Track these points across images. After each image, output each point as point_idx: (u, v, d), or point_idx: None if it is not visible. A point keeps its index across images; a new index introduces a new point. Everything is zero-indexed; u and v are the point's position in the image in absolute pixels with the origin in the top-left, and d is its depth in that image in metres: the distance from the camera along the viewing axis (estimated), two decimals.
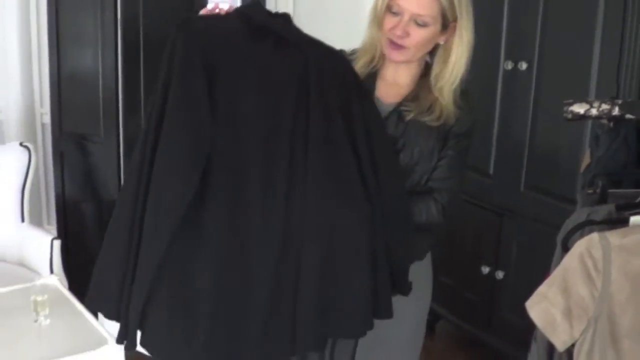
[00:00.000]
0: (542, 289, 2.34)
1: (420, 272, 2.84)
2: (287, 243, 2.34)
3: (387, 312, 2.51)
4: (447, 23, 2.64)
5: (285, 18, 2.45)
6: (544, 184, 4.01)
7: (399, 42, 2.63)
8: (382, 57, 2.75)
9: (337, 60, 2.50)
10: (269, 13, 2.44)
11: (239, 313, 2.35)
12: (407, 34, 2.61)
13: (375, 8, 2.69)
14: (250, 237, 2.33)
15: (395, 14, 2.62)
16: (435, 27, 2.63)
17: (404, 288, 2.59)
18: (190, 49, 2.32)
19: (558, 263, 2.42)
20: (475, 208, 4.42)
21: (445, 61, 2.70)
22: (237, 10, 2.45)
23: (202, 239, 2.34)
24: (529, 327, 2.51)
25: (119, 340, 2.46)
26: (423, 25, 2.60)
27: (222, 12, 2.46)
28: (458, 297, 4.65)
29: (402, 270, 2.57)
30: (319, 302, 2.37)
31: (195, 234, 2.33)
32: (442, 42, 2.69)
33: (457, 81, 2.70)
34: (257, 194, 2.33)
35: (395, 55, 2.66)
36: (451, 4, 2.62)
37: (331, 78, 2.40)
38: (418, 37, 2.62)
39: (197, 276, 2.35)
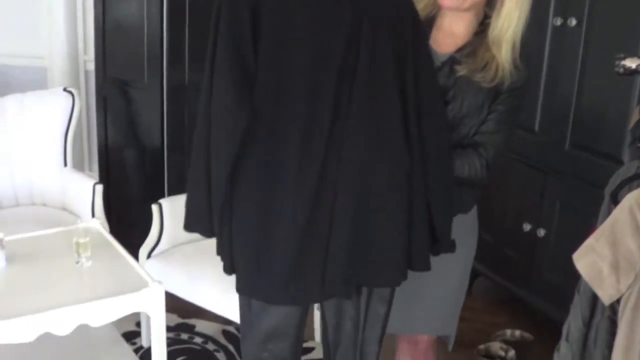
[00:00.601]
0: (590, 241, 2.32)
1: (466, 226, 2.82)
2: (322, 186, 2.34)
3: (423, 265, 2.50)
4: None
5: None
6: (590, 143, 3.96)
7: None
8: (438, 5, 2.71)
9: (394, 5, 2.44)
10: None
11: (270, 250, 2.38)
12: None
13: None
14: (285, 176, 2.34)
15: None
16: None
17: (447, 245, 2.58)
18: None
19: (605, 216, 2.39)
20: (518, 165, 4.38)
21: (499, 11, 2.66)
22: None
23: (238, 175, 2.37)
24: (569, 285, 2.49)
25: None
26: None
27: None
28: (498, 255, 4.62)
29: (443, 226, 2.55)
30: (350, 247, 2.38)
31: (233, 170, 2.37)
32: None
33: (512, 34, 2.66)
34: (296, 133, 2.33)
35: (446, 1, 2.63)
36: None
37: (388, 19, 2.37)
38: None
39: (234, 209, 2.40)
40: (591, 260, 2.28)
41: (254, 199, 2.38)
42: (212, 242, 2.57)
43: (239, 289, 2.54)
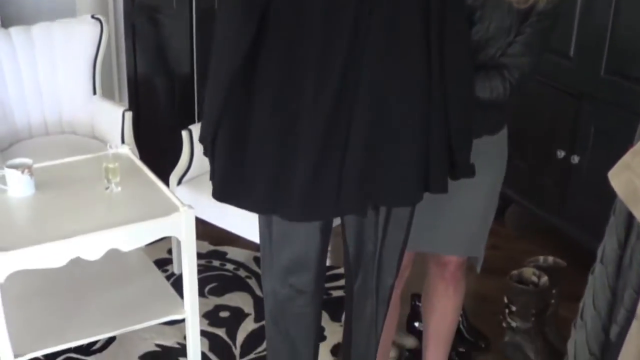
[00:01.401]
0: (626, 158, 2.26)
1: (495, 147, 2.78)
2: (340, 103, 2.30)
3: (440, 187, 2.46)
4: None
5: None
6: (625, 68, 3.87)
7: None
8: None
9: None
10: None
11: (288, 167, 2.36)
12: None
13: None
14: (302, 92, 2.31)
15: None
16: None
17: (466, 170, 2.54)
18: None
19: None
20: (552, 90, 4.31)
21: None
22: None
23: (255, 93, 2.35)
24: (603, 213, 2.44)
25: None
26: None
27: None
28: (531, 182, 4.57)
29: (462, 149, 2.51)
30: (365, 164, 2.35)
31: (249, 88, 2.35)
32: None
33: None
34: (314, 47, 2.29)
35: None
36: None
37: None
38: None
39: (251, 125, 2.37)
40: (627, 178, 2.23)
41: (272, 117, 2.35)
42: None
43: (258, 207, 2.52)
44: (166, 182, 3.70)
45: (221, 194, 2.50)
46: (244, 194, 2.45)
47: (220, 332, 3.89)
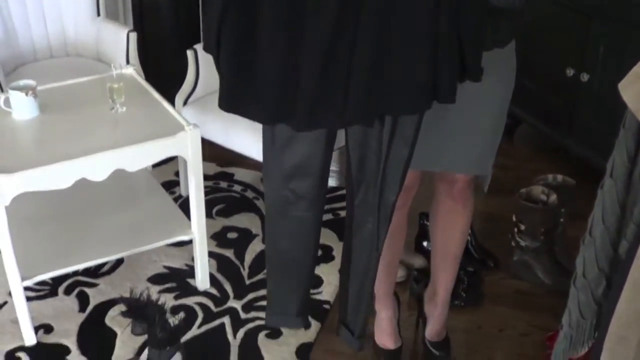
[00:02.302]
0: (636, 68, 2.21)
1: (503, 61, 2.73)
2: (345, 7, 2.21)
3: (449, 97, 2.41)
4: None
5: None
6: None
7: None
8: None
9: None
10: None
11: (293, 74, 2.30)
12: None
13: None
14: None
15: None
16: None
17: (475, 72, 2.48)
18: None
19: None
20: (561, 8, 4.25)
21: None
22: None
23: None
24: (613, 132, 2.41)
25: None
26: None
27: None
28: (540, 101, 4.54)
29: (473, 53, 2.41)
30: (372, 73, 2.29)
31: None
32: None
33: None
34: None
35: None
36: None
37: None
38: None
39: (257, 37, 2.31)
40: (638, 89, 2.19)
41: (276, 23, 2.28)
42: None
43: (264, 117, 2.49)
44: (172, 102, 3.67)
45: (227, 104, 2.46)
46: (250, 103, 2.40)
47: (229, 253, 3.89)
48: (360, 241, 2.80)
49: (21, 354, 3.24)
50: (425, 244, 3.78)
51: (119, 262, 3.76)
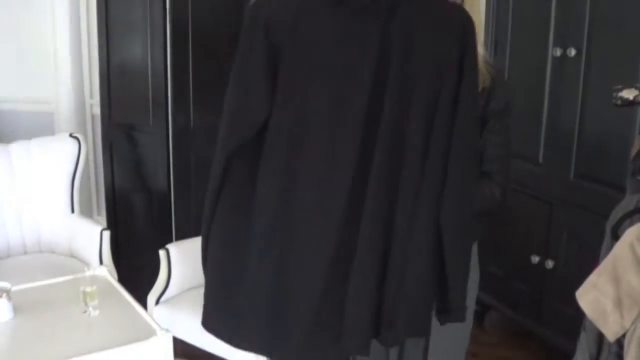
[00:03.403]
0: (592, 278, 2.31)
1: (473, 257, 2.79)
2: (344, 230, 2.27)
3: (421, 330, 2.46)
4: None
5: None
6: (594, 172, 3.95)
7: None
8: None
9: (439, 19, 2.31)
10: None
11: (285, 305, 2.32)
12: None
13: None
14: (305, 212, 2.29)
15: None
16: None
17: (460, 312, 2.47)
18: (253, 19, 2.31)
19: (608, 251, 2.39)
20: (524, 197, 4.37)
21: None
22: None
23: (253, 213, 2.32)
24: (580, 317, 2.48)
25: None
26: None
27: None
28: (508, 287, 4.60)
29: (456, 281, 2.43)
30: (368, 307, 2.32)
31: (247, 208, 2.33)
32: None
33: (478, 26, 2.65)
34: (318, 168, 2.28)
35: None
36: None
37: (423, 43, 2.25)
38: None
39: (248, 244, 2.35)
40: (594, 297, 2.28)
41: (271, 238, 2.32)
42: None
43: (252, 346, 2.49)
44: (146, 300, 3.71)
45: (210, 324, 2.48)
46: (235, 327, 2.40)
47: None
48: None
49: None
50: None
51: None
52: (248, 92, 2.31)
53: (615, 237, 2.37)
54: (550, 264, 4.22)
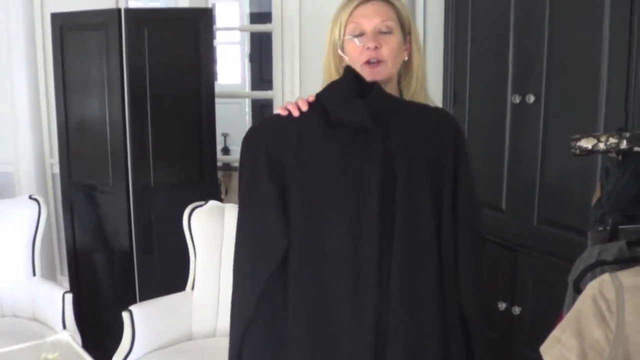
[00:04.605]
0: (555, 332, 2.30)
1: None
2: (378, 337, 2.33)
3: None
4: (405, 31, 2.63)
5: (374, 89, 2.43)
6: (557, 218, 3.95)
7: (376, 55, 2.56)
8: None
9: (432, 126, 2.45)
10: (348, 90, 2.42)
11: None
12: (380, 45, 2.57)
13: (333, 38, 2.65)
14: (338, 332, 2.34)
15: (357, 36, 2.59)
16: (398, 34, 2.59)
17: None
18: (253, 156, 2.39)
19: (571, 304, 2.38)
20: (489, 244, 4.35)
21: (409, 71, 2.68)
22: (315, 101, 2.44)
23: (287, 337, 2.38)
24: None
25: None
26: (389, 31, 2.57)
27: (297, 112, 2.43)
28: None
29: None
30: None
31: (280, 334, 2.38)
32: (406, 58, 2.66)
33: (424, 82, 2.71)
34: (344, 288, 2.34)
35: (376, 73, 2.59)
36: (403, 6, 2.63)
37: (421, 151, 2.38)
38: (390, 44, 2.57)
39: None
40: (558, 352, 2.26)
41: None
42: (186, 348, 2.54)
43: None
44: None
45: None
46: None
47: None
48: None
49: None
50: None
51: None
52: (265, 229, 2.37)
53: (578, 290, 2.36)
54: (517, 310, 4.21)
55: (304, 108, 2.41)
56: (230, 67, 9.33)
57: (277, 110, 2.46)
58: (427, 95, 2.72)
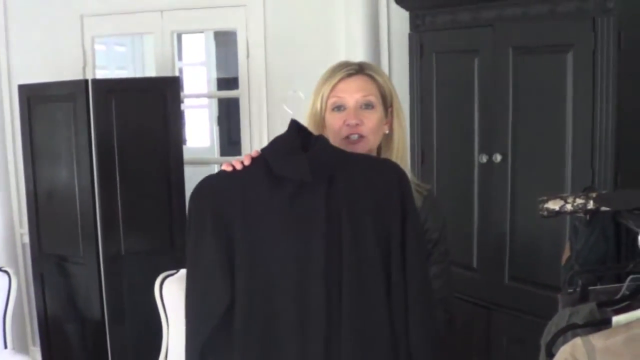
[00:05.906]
0: None
1: None
2: None
3: None
4: (386, 105, 2.68)
5: (318, 141, 2.45)
6: (528, 275, 3.97)
7: (357, 131, 2.62)
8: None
9: (376, 174, 2.46)
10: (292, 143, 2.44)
11: None
12: (361, 121, 2.60)
13: (315, 111, 2.69)
14: None
15: (339, 108, 2.62)
16: (380, 109, 2.65)
17: None
18: (199, 213, 2.42)
19: None
20: (462, 303, 4.35)
21: (390, 143, 2.74)
22: (260, 156, 2.46)
23: None
24: None
25: None
26: (371, 107, 2.63)
27: (240, 166, 2.46)
28: None
29: None
30: None
31: None
32: (387, 132, 2.71)
33: (405, 158, 2.76)
34: (292, 344, 2.36)
35: (356, 149, 2.63)
36: (385, 81, 2.68)
37: (365, 199, 2.40)
38: (372, 120, 2.63)
39: None
40: None
41: None
42: None
43: None
44: None
45: None
46: None
47: None
48: None
49: None
50: None
51: None
52: (209, 285, 2.40)
53: (550, 354, 2.36)
54: None
55: (247, 163, 2.44)
56: (199, 129, 9.32)
57: (223, 166, 2.48)
58: (407, 168, 2.75)
